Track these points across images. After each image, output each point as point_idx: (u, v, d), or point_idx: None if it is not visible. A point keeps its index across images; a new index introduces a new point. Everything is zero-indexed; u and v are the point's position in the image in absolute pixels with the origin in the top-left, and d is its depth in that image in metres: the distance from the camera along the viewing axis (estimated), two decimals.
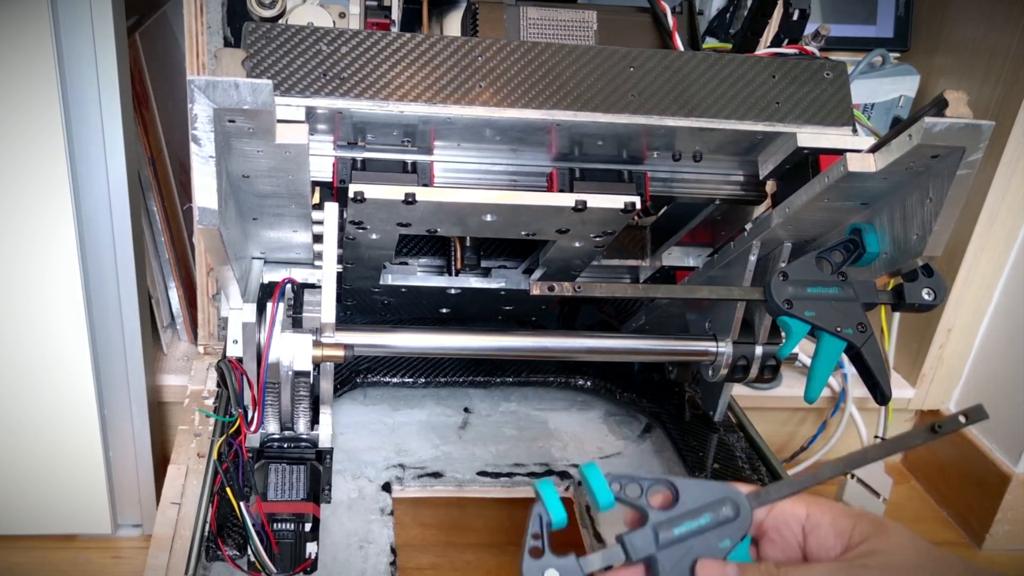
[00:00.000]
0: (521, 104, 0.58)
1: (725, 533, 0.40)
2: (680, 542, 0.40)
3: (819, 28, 0.66)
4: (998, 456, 0.95)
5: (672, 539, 0.40)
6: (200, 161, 0.45)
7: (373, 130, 0.61)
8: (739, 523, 0.41)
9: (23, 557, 0.81)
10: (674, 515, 0.40)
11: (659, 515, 0.40)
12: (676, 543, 0.40)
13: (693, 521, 0.40)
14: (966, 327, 0.98)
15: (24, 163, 0.66)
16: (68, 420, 0.76)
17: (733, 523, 0.41)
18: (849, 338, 0.57)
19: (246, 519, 0.60)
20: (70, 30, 0.64)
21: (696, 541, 0.40)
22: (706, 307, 0.72)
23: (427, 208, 0.58)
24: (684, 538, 0.40)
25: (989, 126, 0.50)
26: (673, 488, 0.41)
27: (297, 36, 0.57)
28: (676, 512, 0.41)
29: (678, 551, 0.40)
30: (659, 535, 0.40)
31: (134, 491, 0.83)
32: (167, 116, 0.91)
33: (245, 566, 0.61)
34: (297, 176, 0.54)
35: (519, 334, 0.71)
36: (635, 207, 0.59)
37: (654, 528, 0.40)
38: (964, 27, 0.95)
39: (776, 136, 0.62)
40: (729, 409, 0.84)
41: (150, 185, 0.85)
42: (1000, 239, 0.93)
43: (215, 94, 0.44)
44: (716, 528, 0.40)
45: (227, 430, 0.66)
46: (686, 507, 0.41)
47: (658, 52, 0.61)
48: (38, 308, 0.71)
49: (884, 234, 0.59)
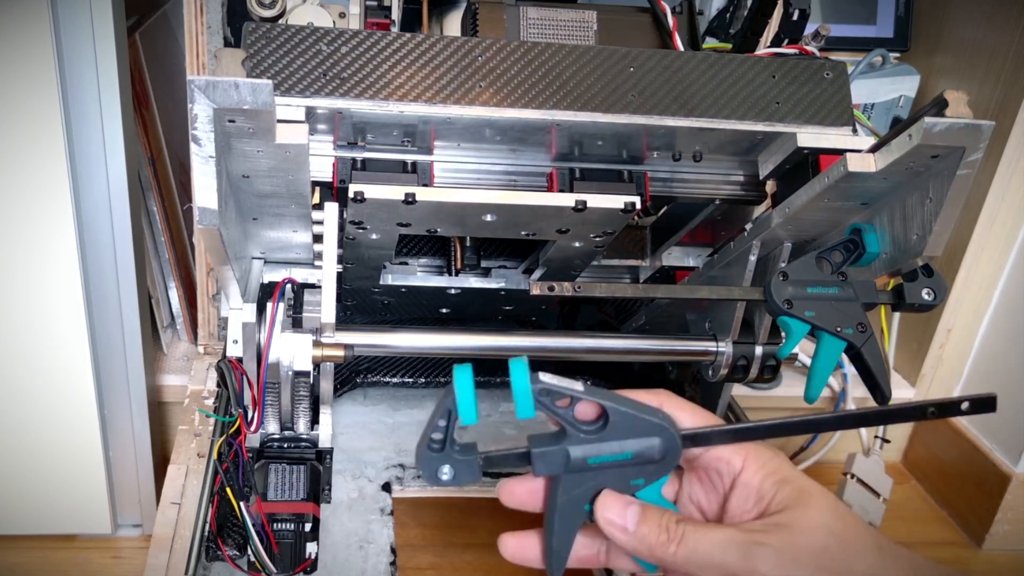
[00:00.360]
0: (521, 104, 0.58)
1: (643, 472, 0.38)
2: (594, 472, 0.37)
3: (819, 28, 0.67)
4: (998, 456, 0.95)
5: (584, 467, 0.37)
6: (200, 161, 0.45)
7: (373, 130, 0.61)
8: (661, 466, 0.38)
9: (23, 557, 0.81)
10: (594, 443, 0.37)
11: (579, 437, 0.37)
12: (588, 471, 0.37)
13: (613, 455, 0.37)
14: (966, 327, 0.98)
15: (24, 163, 0.66)
16: (68, 420, 0.76)
17: (655, 464, 0.38)
18: (849, 338, 0.57)
19: (246, 519, 0.61)
20: (70, 30, 0.64)
21: (610, 472, 0.37)
22: (706, 307, 0.72)
23: (427, 208, 0.58)
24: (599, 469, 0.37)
25: (989, 126, 0.50)
26: (604, 411, 0.38)
27: (297, 36, 0.57)
28: (598, 440, 0.37)
29: (586, 478, 0.37)
30: (571, 459, 0.37)
31: (134, 491, 0.83)
32: (167, 116, 0.91)
33: (245, 566, 0.61)
34: (297, 176, 0.54)
35: (519, 334, 0.71)
36: (635, 207, 0.59)
37: (568, 451, 0.37)
38: (964, 27, 0.95)
39: (776, 136, 0.62)
40: (729, 409, 0.84)
41: (150, 185, 0.85)
42: (1000, 239, 0.93)
43: (215, 94, 0.44)
44: (636, 467, 0.37)
45: (227, 430, 0.66)
46: (611, 437, 0.37)
47: (658, 52, 0.61)
48: (38, 308, 0.71)
49: (884, 234, 0.59)
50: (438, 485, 0.37)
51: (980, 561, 0.96)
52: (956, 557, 0.97)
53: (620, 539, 0.36)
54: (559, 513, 0.37)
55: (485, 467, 0.38)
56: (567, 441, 0.37)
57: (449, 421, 0.37)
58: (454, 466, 0.37)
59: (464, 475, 0.38)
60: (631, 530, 0.36)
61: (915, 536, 0.99)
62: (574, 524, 0.38)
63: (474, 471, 0.38)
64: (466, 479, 0.38)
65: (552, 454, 0.37)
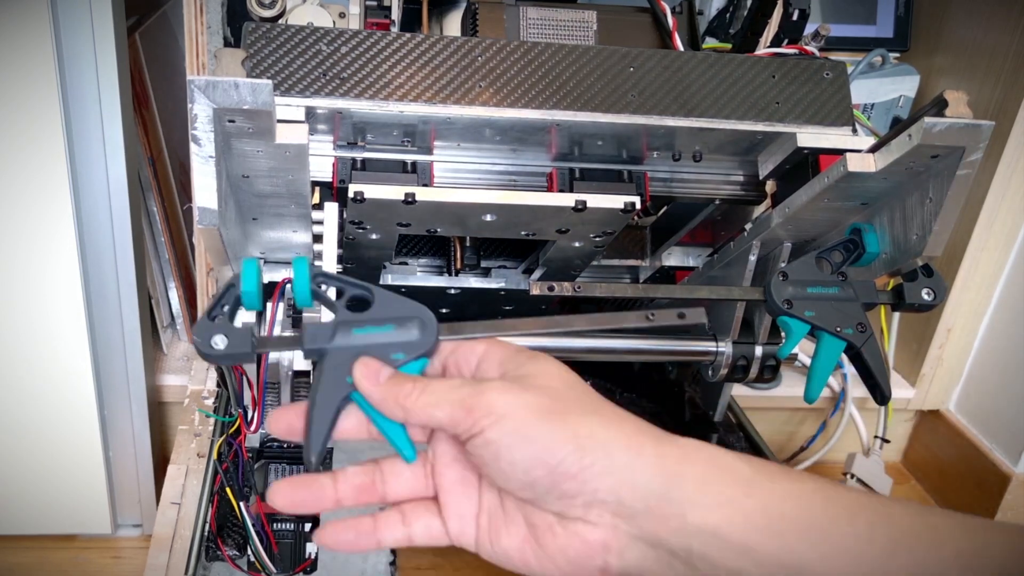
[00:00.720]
0: (521, 104, 0.58)
1: (403, 348, 0.40)
2: (356, 344, 0.40)
3: (819, 28, 0.66)
4: (998, 456, 0.95)
5: (349, 339, 0.40)
6: (200, 161, 0.45)
7: (373, 130, 0.61)
8: (419, 342, 0.40)
9: (23, 557, 0.81)
10: (359, 319, 0.40)
11: (346, 315, 0.40)
12: (351, 344, 0.40)
13: (376, 328, 0.40)
14: (966, 327, 0.98)
15: (24, 163, 0.66)
16: (68, 420, 0.76)
17: (414, 341, 0.40)
18: (849, 338, 0.57)
19: (246, 519, 0.61)
20: (70, 30, 0.64)
21: (372, 347, 0.40)
22: (706, 307, 0.72)
23: (427, 208, 0.58)
24: (362, 342, 0.40)
25: (989, 126, 0.50)
26: (370, 295, 0.41)
27: (297, 36, 0.57)
28: (362, 316, 0.40)
29: (350, 352, 0.40)
30: (337, 333, 0.40)
31: (134, 491, 0.83)
32: (167, 116, 0.91)
33: (245, 566, 0.61)
34: (297, 176, 0.54)
35: (519, 334, 0.71)
36: (635, 207, 0.59)
37: (335, 325, 0.40)
38: (964, 27, 0.95)
39: (776, 136, 0.62)
40: (729, 409, 0.84)
41: (150, 185, 0.85)
42: (1000, 239, 0.93)
43: (215, 94, 0.44)
44: (397, 342, 0.40)
45: (227, 430, 0.66)
46: (375, 315, 0.40)
47: (658, 52, 0.61)
48: (38, 308, 0.71)
49: (884, 234, 0.59)
50: (210, 354, 0.39)
51: None
52: None
53: (370, 391, 0.38)
54: (322, 388, 0.40)
55: (258, 346, 0.40)
56: (336, 318, 0.41)
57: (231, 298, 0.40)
58: (228, 336, 0.39)
59: (236, 346, 0.40)
60: (381, 381, 0.38)
61: None
62: (335, 397, 0.40)
63: (246, 343, 0.40)
64: (238, 350, 0.40)
65: (320, 328, 0.40)
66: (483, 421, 0.36)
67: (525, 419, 0.36)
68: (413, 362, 0.40)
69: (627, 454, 0.35)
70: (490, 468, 0.37)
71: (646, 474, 0.35)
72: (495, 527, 0.39)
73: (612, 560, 0.36)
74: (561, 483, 0.35)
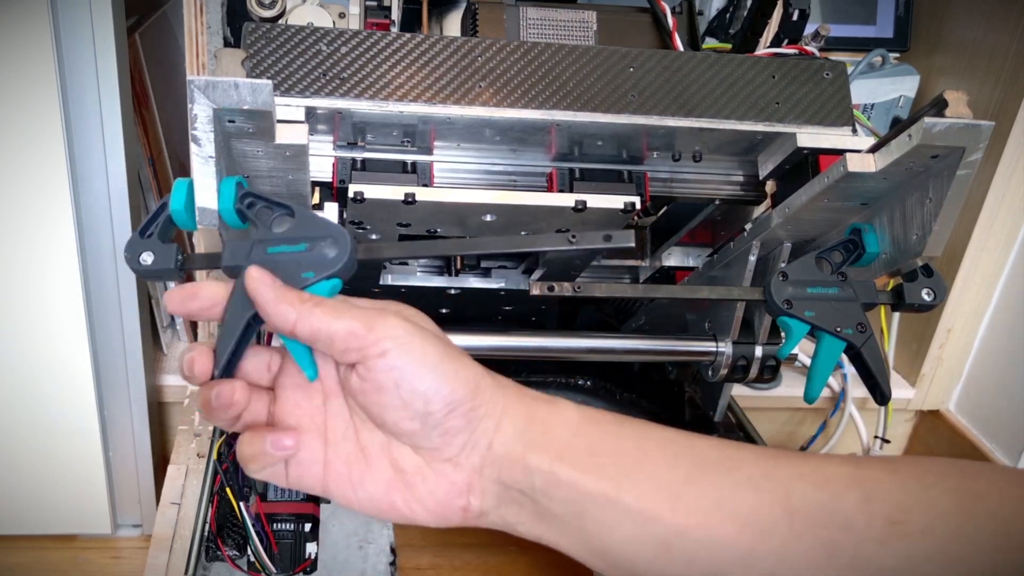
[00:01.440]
0: (521, 104, 0.58)
1: (313, 266, 0.41)
2: (271, 261, 0.40)
3: (819, 28, 0.66)
4: (998, 456, 0.95)
5: (264, 256, 0.41)
6: (200, 161, 0.45)
7: (373, 130, 0.61)
8: (332, 261, 0.41)
9: (23, 557, 0.81)
10: (275, 237, 0.41)
11: (263, 233, 0.41)
12: (266, 260, 0.40)
13: (289, 246, 0.41)
14: (966, 327, 0.98)
15: (24, 163, 0.66)
16: (68, 420, 0.76)
17: (327, 260, 0.41)
18: (849, 338, 0.57)
19: (246, 519, 0.61)
20: (70, 30, 0.64)
21: (286, 264, 0.40)
22: (706, 307, 0.72)
23: (427, 208, 0.58)
24: (275, 258, 0.41)
25: (989, 126, 0.50)
26: (292, 214, 0.42)
27: (297, 36, 0.57)
28: (278, 235, 0.41)
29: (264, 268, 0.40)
30: (253, 250, 0.41)
31: (134, 491, 0.83)
32: (167, 116, 0.91)
33: (245, 566, 0.61)
34: (297, 176, 0.53)
35: (519, 334, 0.71)
36: (635, 207, 0.59)
37: (252, 243, 0.41)
38: (964, 27, 0.95)
39: (776, 136, 0.62)
40: (729, 409, 0.84)
41: (150, 185, 0.85)
42: (1000, 239, 0.93)
43: (215, 94, 0.44)
44: (310, 260, 0.41)
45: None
46: (290, 234, 0.41)
47: (658, 52, 0.61)
48: (38, 309, 0.71)
49: (884, 234, 0.59)
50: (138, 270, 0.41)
51: None
52: None
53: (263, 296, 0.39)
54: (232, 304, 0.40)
55: (184, 264, 0.42)
56: (253, 236, 0.41)
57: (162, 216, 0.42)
58: (155, 253, 0.41)
59: (162, 262, 0.41)
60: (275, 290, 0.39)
61: None
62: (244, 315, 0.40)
63: (170, 260, 0.41)
64: (163, 266, 0.41)
65: (239, 246, 0.41)
66: (385, 343, 0.37)
67: (428, 350, 0.38)
68: (324, 281, 0.41)
69: (504, 401, 0.39)
70: (383, 396, 0.38)
71: (513, 418, 0.39)
72: (357, 473, 0.41)
73: (474, 500, 0.39)
74: (451, 419, 0.38)
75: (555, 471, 0.38)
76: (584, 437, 0.39)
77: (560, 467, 0.38)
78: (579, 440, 0.39)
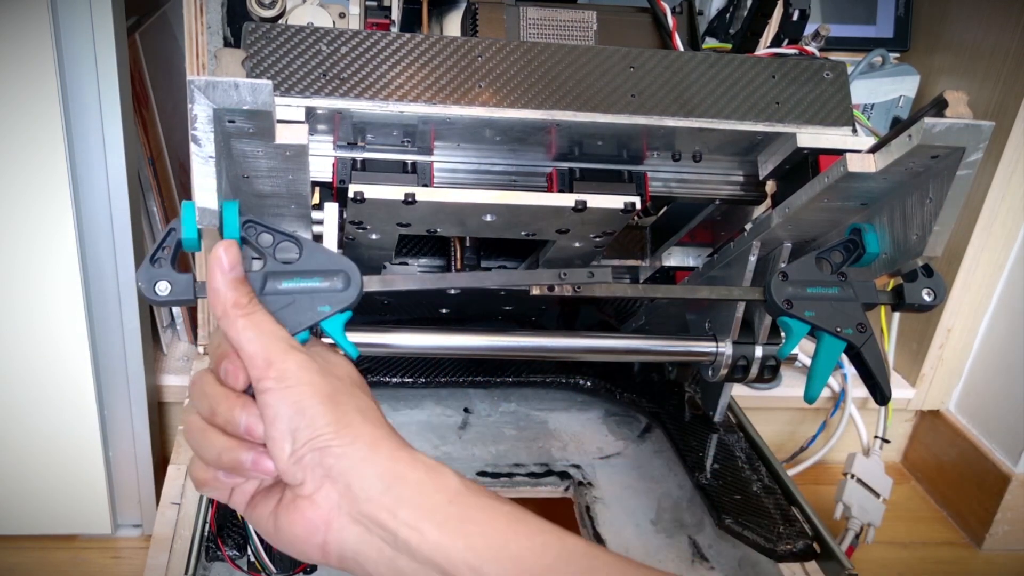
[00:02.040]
0: (521, 104, 0.58)
1: (329, 299, 0.43)
2: (286, 293, 0.42)
3: (819, 28, 0.66)
4: (998, 456, 0.95)
5: (278, 290, 0.42)
6: (200, 161, 0.45)
7: (373, 130, 0.61)
8: (345, 295, 0.43)
9: (23, 557, 0.81)
10: (288, 270, 0.43)
11: (276, 266, 0.43)
12: (282, 294, 0.42)
13: (304, 280, 0.43)
14: (966, 327, 0.98)
15: (24, 163, 0.66)
16: (68, 420, 0.76)
17: (340, 293, 0.43)
18: (849, 338, 0.57)
19: (246, 519, 0.60)
20: (70, 30, 0.64)
21: (301, 297, 0.43)
22: (706, 307, 0.72)
23: (427, 208, 0.58)
24: (291, 292, 0.43)
25: (989, 126, 0.50)
26: (299, 246, 0.43)
27: (297, 36, 0.57)
28: (292, 268, 0.43)
29: (280, 300, 0.42)
30: (267, 282, 0.42)
31: (134, 491, 0.83)
32: (167, 116, 0.91)
33: (245, 566, 0.61)
34: (297, 176, 0.53)
35: (519, 334, 0.71)
36: (635, 207, 0.59)
37: (265, 275, 0.42)
38: (964, 27, 0.95)
39: (776, 136, 0.62)
40: (729, 409, 0.84)
41: (150, 185, 0.85)
42: (1000, 239, 0.93)
43: (215, 94, 0.44)
44: (324, 293, 0.43)
45: None
46: (304, 266, 0.43)
47: (658, 52, 0.61)
48: (38, 308, 0.71)
49: (884, 234, 0.59)
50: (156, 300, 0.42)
51: (980, 561, 0.96)
52: (956, 557, 0.97)
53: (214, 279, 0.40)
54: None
55: (199, 292, 0.42)
56: (266, 268, 0.43)
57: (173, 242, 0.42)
58: (172, 283, 0.42)
59: (180, 293, 0.42)
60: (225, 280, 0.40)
61: (915, 536, 0.99)
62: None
63: (188, 291, 0.42)
64: (181, 296, 0.42)
65: (252, 277, 0.42)
66: (268, 383, 0.40)
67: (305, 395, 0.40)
68: (338, 315, 0.43)
69: (367, 448, 0.40)
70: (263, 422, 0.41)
71: (376, 469, 0.40)
72: (262, 492, 0.43)
73: (332, 538, 0.40)
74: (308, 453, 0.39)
75: (422, 530, 0.39)
76: (458, 505, 0.40)
77: (429, 528, 0.39)
78: (453, 507, 0.40)
